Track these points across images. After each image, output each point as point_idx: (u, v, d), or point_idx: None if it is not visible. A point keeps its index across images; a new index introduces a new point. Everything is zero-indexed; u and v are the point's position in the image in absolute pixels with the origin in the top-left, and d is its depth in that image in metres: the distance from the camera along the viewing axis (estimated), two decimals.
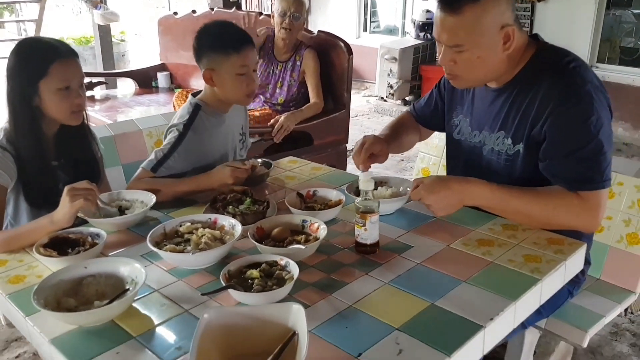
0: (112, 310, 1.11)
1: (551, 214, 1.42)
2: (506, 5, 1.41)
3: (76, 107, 1.63)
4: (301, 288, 1.21)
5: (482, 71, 1.48)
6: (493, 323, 1.09)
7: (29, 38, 1.69)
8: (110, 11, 5.97)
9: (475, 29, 1.39)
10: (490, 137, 1.59)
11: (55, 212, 1.45)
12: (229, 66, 1.76)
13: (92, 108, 4.15)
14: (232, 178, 1.66)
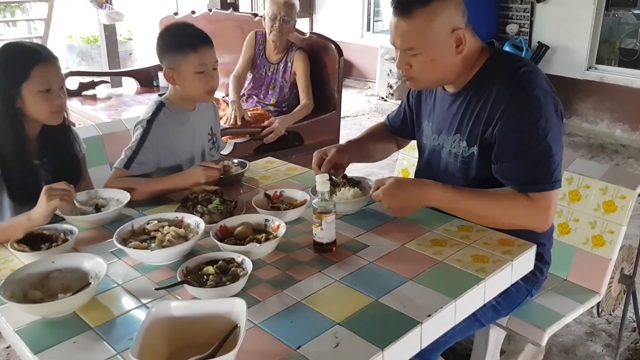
0: (72, 302, 1.18)
1: (502, 215, 1.47)
2: (455, 10, 1.46)
3: (56, 107, 1.70)
4: (255, 284, 1.28)
5: (437, 73, 1.54)
6: (430, 319, 1.15)
7: (10, 43, 1.76)
8: (115, 11, 6.08)
9: (426, 32, 1.45)
10: (447, 140, 1.64)
11: (32, 211, 1.53)
12: (187, 65, 1.84)
13: (93, 107, 4.24)
14: (204, 177, 1.73)
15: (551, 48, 5.49)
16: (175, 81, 1.89)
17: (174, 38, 1.88)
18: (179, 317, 1.08)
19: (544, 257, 1.66)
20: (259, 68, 3.43)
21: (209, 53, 1.87)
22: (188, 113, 1.99)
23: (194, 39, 1.85)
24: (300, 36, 3.51)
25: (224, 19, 4.13)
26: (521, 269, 1.41)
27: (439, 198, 1.49)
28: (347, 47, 7.24)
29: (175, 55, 1.86)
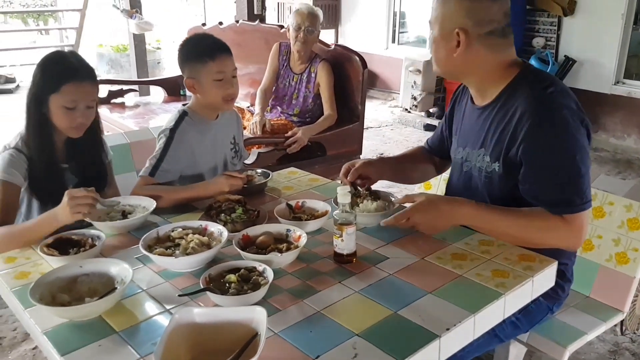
0: (98, 306, 1.22)
1: (535, 235, 1.48)
2: (466, 12, 1.49)
3: (77, 124, 1.76)
4: (276, 293, 1.30)
5: (436, 58, 1.61)
6: (449, 333, 1.15)
7: (58, 52, 1.83)
8: (145, 21, 6.20)
9: (438, 15, 1.54)
10: (472, 154, 1.65)
11: (57, 218, 1.56)
12: (206, 73, 1.90)
13: (121, 115, 4.34)
14: (227, 186, 1.77)
15: (578, 62, 5.44)
16: (196, 90, 1.95)
17: (193, 48, 1.95)
18: (201, 324, 1.10)
19: (565, 275, 1.65)
20: (283, 78, 3.47)
21: (226, 61, 1.92)
22: (210, 122, 2.03)
23: (211, 48, 1.91)
24: (325, 48, 3.55)
25: (250, 30, 4.20)
26: (542, 285, 1.41)
27: (471, 217, 1.50)
28: (372, 59, 7.29)
29: (194, 65, 1.92)
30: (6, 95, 8.08)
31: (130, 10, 6.09)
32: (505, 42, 1.54)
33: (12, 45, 10.62)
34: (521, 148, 1.47)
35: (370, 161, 1.82)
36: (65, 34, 11.19)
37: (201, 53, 1.91)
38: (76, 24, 9.25)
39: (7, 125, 6.16)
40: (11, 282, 1.40)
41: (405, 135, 6.08)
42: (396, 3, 7.59)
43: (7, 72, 8.63)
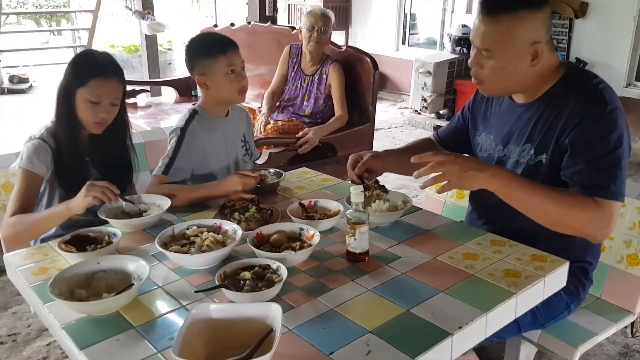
0: (116, 301, 1.24)
1: (566, 212, 1.43)
2: (541, 24, 1.48)
3: (99, 119, 1.80)
4: (290, 290, 1.32)
5: (506, 81, 1.56)
6: (461, 331, 1.17)
7: (88, 50, 1.92)
8: (157, 22, 6.25)
9: (507, 38, 1.48)
10: (515, 150, 1.64)
11: (71, 200, 1.64)
12: (217, 67, 1.93)
13: (134, 115, 4.37)
14: (241, 184, 1.79)
15: (589, 64, 5.42)
16: (208, 86, 1.98)
17: (202, 45, 1.99)
18: (217, 319, 1.12)
19: (588, 275, 1.66)
20: (294, 80, 3.49)
21: (235, 55, 1.96)
22: (220, 120, 2.06)
23: (220, 44, 1.95)
24: (336, 49, 3.57)
25: (262, 31, 4.22)
26: (553, 285, 1.42)
27: (504, 175, 1.45)
28: (382, 60, 7.29)
29: (205, 61, 1.95)
30: (19, 95, 8.16)
31: (142, 11, 6.14)
32: (552, 41, 1.57)
33: (25, 46, 10.75)
34: (571, 135, 1.48)
35: (377, 154, 1.80)
36: (78, 35, 11.28)
37: (211, 49, 1.95)
38: (88, 24, 9.33)
39: (21, 125, 6.24)
40: (30, 278, 1.43)
41: (415, 137, 6.08)
42: (406, 5, 7.60)
43: (20, 72, 8.72)
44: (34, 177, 1.76)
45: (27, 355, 2.43)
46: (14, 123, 6.46)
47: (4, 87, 8.31)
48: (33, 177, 1.76)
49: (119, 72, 1.84)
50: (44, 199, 1.88)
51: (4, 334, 2.58)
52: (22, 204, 1.71)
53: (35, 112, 6.96)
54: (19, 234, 1.68)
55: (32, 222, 1.69)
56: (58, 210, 1.67)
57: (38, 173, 1.77)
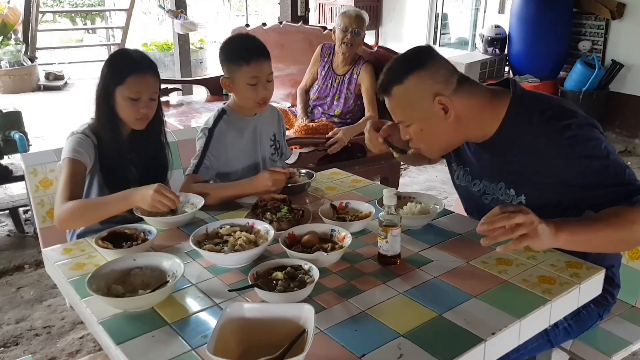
0: (152, 298, 1.26)
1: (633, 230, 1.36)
2: (432, 79, 1.48)
3: (140, 115, 1.84)
4: (321, 292, 1.32)
5: (433, 141, 1.58)
6: (494, 338, 1.16)
7: (122, 49, 1.98)
8: (190, 21, 6.33)
9: (406, 105, 1.53)
10: (491, 187, 1.63)
11: (134, 195, 1.66)
12: (241, 76, 1.95)
13: (166, 112, 4.41)
14: (271, 180, 1.80)
15: (626, 66, 5.30)
16: (231, 89, 2.01)
17: (232, 50, 2.00)
18: (250, 319, 1.14)
19: (614, 280, 1.63)
20: (325, 80, 3.50)
21: (262, 65, 1.95)
22: (249, 119, 2.08)
23: (248, 52, 1.95)
24: (368, 49, 3.56)
25: (293, 31, 4.24)
26: (589, 292, 1.39)
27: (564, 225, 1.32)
28: None
29: (231, 66, 1.98)
30: (55, 92, 8.36)
31: (175, 10, 6.23)
32: (471, 81, 1.55)
33: (61, 44, 11.00)
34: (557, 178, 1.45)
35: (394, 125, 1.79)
36: (112, 33, 11.49)
37: (237, 56, 1.96)
38: (123, 23, 9.52)
39: (57, 122, 6.39)
40: (68, 273, 1.47)
41: None
42: (438, 4, 7.54)
43: (55, 70, 8.92)
44: (79, 165, 1.79)
45: (61, 348, 2.49)
46: (50, 120, 6.62)
47: (40, 84, 8.53)
48: (79, 165, 1.79)
49: (154, 66, 1.88)
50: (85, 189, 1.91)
51: (39, 326, 2.65)
52: (71, 191, 1.73)
53: (71, 109, 7.13)
54: (75, 220, 1.70)
55: (89, 207, 1.72)
56: (117, 200, 1.68)
57: (82, 162, 1.80)
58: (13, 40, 8.76)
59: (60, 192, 1.74)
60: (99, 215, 1.71)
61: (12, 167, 3.65)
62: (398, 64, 1.54)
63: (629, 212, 1.37)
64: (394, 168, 3.65)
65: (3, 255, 3.35)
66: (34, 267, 3.20)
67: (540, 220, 1.26)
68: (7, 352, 2.48)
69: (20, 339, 2.56)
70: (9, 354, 2.46)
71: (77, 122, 1.95)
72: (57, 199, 1.74)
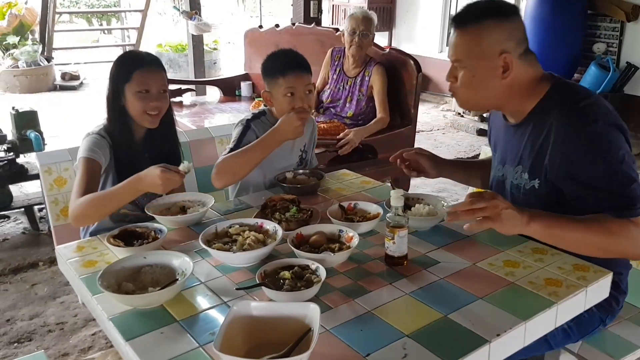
0: (162, 295, 1.29)
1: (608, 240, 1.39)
2: (509, 34, 1.48)
3: (151, 108, 1.86)
4: (328, 291, 1.34)
5: (476, 92, 1.55)
6: (499, 339, 1.16)
7: (126, 51, 2.04)
8: (204, 22, 6.39)
9: (474, 47, 1.50)
10: (510, 171, 1.64)
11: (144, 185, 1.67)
12: (277, 88, 1.98)
13: (179, 113, 4.48)
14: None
15: None
16: (271, 103, 2.04)
17: (270, 64, 2.04)
18: (257, 317, 1.15)
19: (620, 286, 1.62)
20: (337, 83, 3.52)
21: (299, 78, 1.97)
22: None
23: (284, 66, 1.98)
24: (379, 51, 3.57)
25: (306, 32, 4.26)
26: (595, 296, 1.39)
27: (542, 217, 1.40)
28: (425, 61, 7.21)
29: (269, 80, 2.01)
30: (71, 92, 8.46)
31: (190, 11, 6.28)
32: (534, 57, 1.55)
33: (77, 44, 11.13)
34: (565, 168, 1.45)
35: (434, 156, 1.86)
36: (127, 34, 11.61)
37: (274, 69, 2.00)
38: (138, 24, 9.60)
39: (73, 121, 6.47)
40: (79, 270, 1.49)
41: (458, 140, 6.02)
42: (452, 5, 7.52)
43: (71, 70, 9.03)
44: (95, 163, 1.81)
45: (74, 344, 2.53)
46: (66, 119, 6.70)
47: (56, 84, 8.64)
48: (94, 163, 1.81)
49: (158, 61, 1.92)
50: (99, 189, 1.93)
51: (52, 322, 2.69)
52: (86, 188, 1.75)
53: (86, 108, 7.21)
54: (88, 213, 1.71)
55: (100, 199, 1.72)
56: (127, 190, 1.70)
57: (97, 160, 1.82)
58: (30, 41, 8.90)
59: (74, 190, 1.76)
60: (111, 206, 1.73)
61: (27, 166, 3.72)
62: (483, 4, 1.52)
63: (612, 223, 1.39)
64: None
65: (18, 253, 3.41)
66: (48, 265, 3.25)
67: (509, 206, 1.35)
68: (21, 347, 2.52)
69: (33, 334, 2.60)
70: (22, 350, 2.50)
71: (92, 122, 1.98)
72: (72, 197, 1.76)
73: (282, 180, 2.02)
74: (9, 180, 3.63)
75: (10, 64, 8.30)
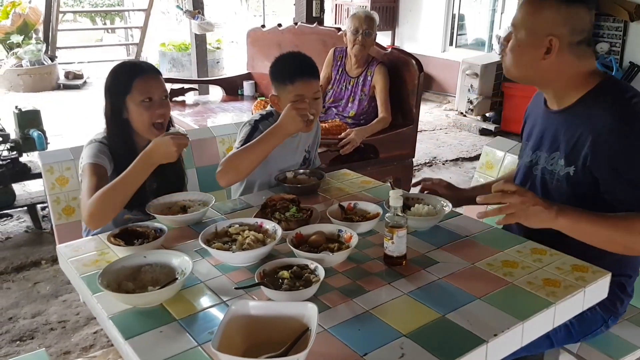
0: (161, 295, 1.29)
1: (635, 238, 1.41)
2: (564, 20, 1.48)
3: (158, 117, 1.85)
4: (327, 291, 1.34)
5: (518, 64, 1.58)
6: (497, 339, 1.17)
7: (119, 63, 1.97)
8: (207, 22, 6.39)
9: (528, 19, 1.53)
10: (544, 157, 1.64)
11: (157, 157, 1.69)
12: (285, 94, 1.99)
13: (181, 112, 4.49)
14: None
15: None
16: (279, 107, 2.03)
17: (278, 68, 2.04)
18: (256, 316, 1.16)
19: (626, 289, 1.62)
20: (339, 83, 3.52)
21: (307, 85, 1.98)
22: None
23: (293, 73, 1.98)
24: (381, 51, 3.57)
25: (308, 32, 4.27)
26: (594, 296, 1.39)
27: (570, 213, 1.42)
28: (428, 61, 7.25)
29: (277, 85, 2.02)
30: (74, 91, 8.49)
31: (192, 11, 6.29)
32: (590, 51, 1.55)
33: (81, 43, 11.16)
34: (610, 159, 1.45)
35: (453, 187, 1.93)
36: (131, 33, 11.63)
37: (282, 75, 2.00)
38: (141, 23, 9.62)
39: (76, 120, 6.49)
40: (80, 269, 1.50)
41: (460, 140, 6.02)
42: (455, 5, 7.52)
43: (75, 69, 9.06)
44: (101, 168, 1.79)
45: (75, 342, 2.54)
46: (69, 118, 6.73)
47: (60, 83, 8.66)
48: (100, 168, 1.79)
49: (156, 68, 1.91)
50: None
51: (54, 320, 2.71)
52: (96, 189, 1.70)
53: (89, 107, 7.23)
54: (104, 207, 1.66)
55: (114, 188, 1.67)
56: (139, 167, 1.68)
57: (103, 165, 1.80)
58: (34, 40, 8.92)
59: (83, 193, 1.73)
60: (125, 192, 1.68)
61: (30, 165, 3.73)
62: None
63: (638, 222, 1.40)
64: (406, 169, 3.66)
65: (21, 251, 3.43)
66: (50, 263, 3.26)
67: (537, 202, 1.39)
68: (23, 345, 2.54)
69: (35, 333, 2.62)
70: (24, 348, 2.51)
71: (95, 121, 1.97)
72: (82, 201, 1.73)
73: (282, 179, 2.02)
74: (12, 179, 3.65)
75: (14, 63, 8.33)
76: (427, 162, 5.14)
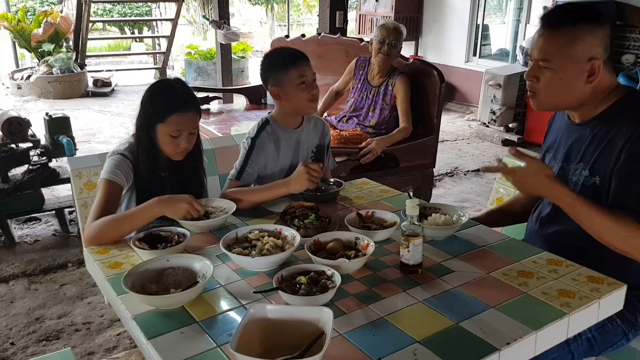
0: (182, 297, 1.34)
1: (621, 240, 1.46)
2: (600, 40, 1.50)
3: (180, 150, 1.89)
4: (343, 297, 1.37)
5: (560, 94, 1.57)
6: (509, 348, 1.18)
7: (163, 82, 2.00)
8: (232, 32, 6.50)
9: (565, 50, 1.51)
10: (567, 168, 1.66)
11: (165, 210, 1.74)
12: (289, 79, 2.04)
13: (206, 120, 4.56)
14: (307, 181, 1.86)
15: None
16: (281, 97, 2.08)
17: (276, 59, 2.11)
18: (273, 319, 1.20)
19: None
20: (360, 92, 3.56)
21: (306, 67, 2.06)
22: (290, 131, 2.15)
23: (292, 57, 2.07)
24: (403, 61, 3.60)
25: (331, 42, 4.32)
26: (609, 308, 1.40)
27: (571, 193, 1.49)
28: (451, 71, 7.25)
29: (278, 73, 2.06)
30: (102, 99, 8.67)
31: (218, 21, 6.40)
32: (611, 64, 1.58)
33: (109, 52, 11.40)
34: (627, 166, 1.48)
35: None
36: (158, 42, 11.84)
37: (283, 62, 2.06)
38: (168, 32, 9.80)
39: (103, 125, 6.63)
40: (106, 271, 1.56)
41: (482, 150, 6.00)
42: (479, 16, 7.51)
43: (103, 77, 9.26)
44: (114, 186, 1.85)
45: (99, 343, 2.61)
46: (97, 125, 6.88)
47: (89, 90, 8.86)
48: (114, 186, 1.85)
49: (196, 102, 1.91)
50: (121, 207, 1.97)
51: (79, 322, 2.78)
52: (103, 211, 1.78)
53: (117, 114, 7.39)
54: (104, 234, 1.72)
55: (117, 221, 1.75)
56: (146, 213, 1.74)
57: (118, 183, 1.86)
58: (64, 48, 9.15)
59: (91, 212, 1.80)
60: (126, 228, 1.74)
61: (59, 170, 3.84)
62: (578, 7, 1.53)
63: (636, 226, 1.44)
64: (426, 179, 3.67)
65: (48, 254, 3.52)
66: (76, 266, 3.35)
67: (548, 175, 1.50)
68: (49, 345, 2.61)
69: (61, 333, 2.69)
70: (50, 347, 2.59)
71: (122, 128, 2.04)
72: (88, 219, 1.79)
73: None
74: (41, 184, 3.76)
75: (45, 71, 8.55)
76: (449, 172, 5.14)
